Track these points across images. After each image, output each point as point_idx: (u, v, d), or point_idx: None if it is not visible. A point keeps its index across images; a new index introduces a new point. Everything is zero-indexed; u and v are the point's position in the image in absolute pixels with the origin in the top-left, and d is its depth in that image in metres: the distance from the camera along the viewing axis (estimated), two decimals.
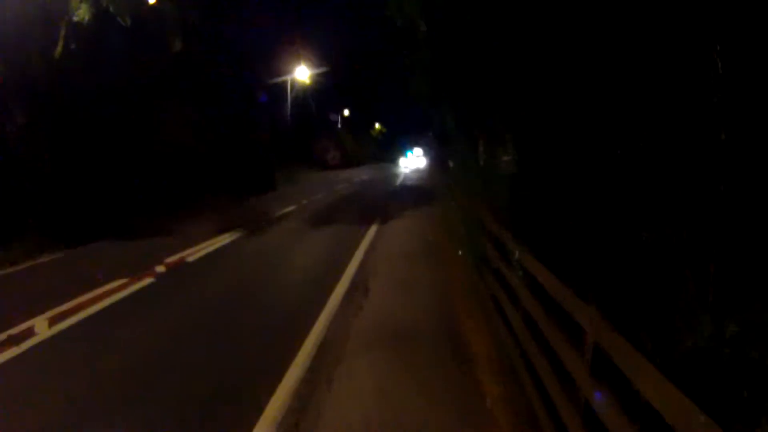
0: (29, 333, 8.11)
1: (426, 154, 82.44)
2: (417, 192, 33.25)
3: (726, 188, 4.96)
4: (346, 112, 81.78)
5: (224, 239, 15.71)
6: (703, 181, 5.19)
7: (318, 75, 52.31)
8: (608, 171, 6.50)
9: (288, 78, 46.82)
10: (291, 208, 24.22)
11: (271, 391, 6.05)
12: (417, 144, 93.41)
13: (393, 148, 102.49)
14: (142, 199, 20.92)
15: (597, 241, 6.06)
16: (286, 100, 46.89)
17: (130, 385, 6.30)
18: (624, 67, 6.28)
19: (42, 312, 8.95)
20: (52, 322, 8.56)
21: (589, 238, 6.20)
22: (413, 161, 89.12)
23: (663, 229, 5.22)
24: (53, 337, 7.99)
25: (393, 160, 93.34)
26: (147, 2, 20.52)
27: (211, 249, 14.33)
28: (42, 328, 8.31)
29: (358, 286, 10.36)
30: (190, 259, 13.13)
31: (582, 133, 7.25)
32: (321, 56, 51.27)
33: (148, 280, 11.08)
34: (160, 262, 12.47)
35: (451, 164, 22.07)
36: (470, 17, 9.84)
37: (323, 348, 7.40)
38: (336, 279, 10.93)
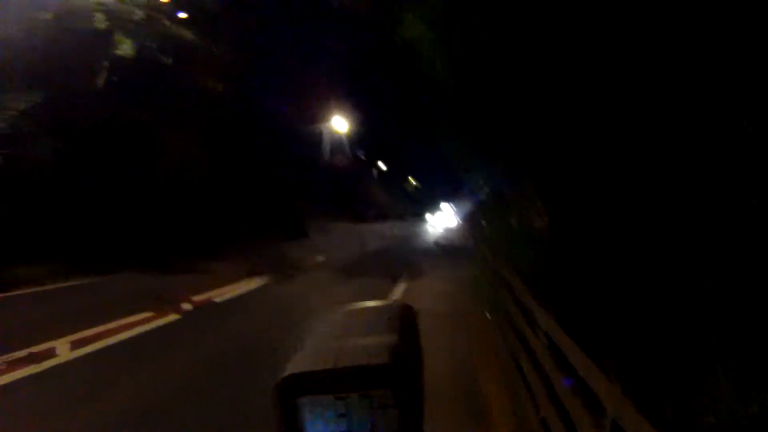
0: (50, 353, 8.24)
1: (457, 212, 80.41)
2: (448, 251, 33.12)
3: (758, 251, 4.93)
4: (382, 166, 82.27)
5: (253, 283, 15.82)
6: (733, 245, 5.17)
7: (354, 128, 52.95)
8: (636, 233, 6.51)
9: (323, 129, 47.47)
10: (321, 258, 24.35)
11: None
12: (448, 201, 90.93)
13: (425, 204, 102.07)
14: (173, 235, 21.18)
15: (623, 303, 6.04)
16: (321, 151, 47.44)
17: (139, 421, 6.30)
18: (657, 134, 6.34)
19: (65, 335, 9.10)
20: (74, 346, 8.70)
21: (616, 301, 6.18)
22: (441, 219, 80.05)
23: (690, 294, 5.19)
24: (73, 361, 8.10)
25: (424, 217, 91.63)
26: (188, 43, 21.19)
27: (238, 292, 14.44)
28: (63, 350, 8.44)
29: None
30: (218, 299, 13.25)
31: (613, 200, 7.28)
32: (358, 109, 52.03)
33: (173, 317, 11.21)
34: (187, 300, 12.60)
35: (483, 223, 22.09)
36: (499, 83, 9.99)
37: None
38: None
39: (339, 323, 1.20)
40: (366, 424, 1.02)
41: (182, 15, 20.65)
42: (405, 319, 1.21)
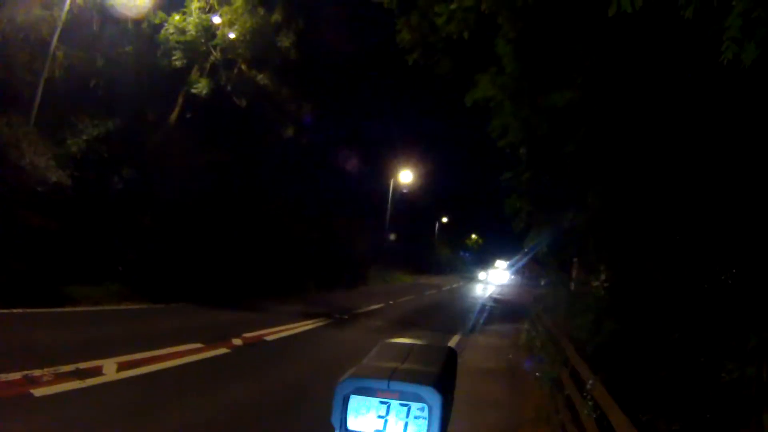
0: (97, 371, 8.27)
1: (513, 269, 75.68)
2: (504, 308, 32.70)
3: None
4: (444, 219, 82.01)
5: (306, 325, 15.83)
6: None
7: (419, 182, 53.26)
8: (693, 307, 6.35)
9: (390, 181, 47.84)
10: (377, 306, 24.30)
11: None
12: (507, 259, 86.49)
13: (484, 259, 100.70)
14: (235, 272, 21.37)
15: (675, 375, 5.87)
16: (386, 205, 47.76)
17: None
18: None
19: (113, 355, 9.12)
20: (121, 367, 8.69)
21: (669, 371, 6.01)
22: (495, 276, 76.48)
23: (744, 366, 5.01)
24: (118, 382, 8.10)
25: (481, 272, 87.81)
26: (263, 87, 21.66)
27: (291, 332, 14.44)
28: (110, 370, 8.45)
29: None
30: (269, 338, 13.25)
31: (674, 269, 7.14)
32: (424, 164, 52.45)
33: (222, 350, 11.20)
34: (238, 336, 12.60)
35: (542, 283, 21.89)
36: (573, 150, 9.98)
37: None
38: None
39: (397, 349, 1.49)
40: (399, 428, 1.26)
41: (233, 35, 21.05)
42: (449, 358, 1.47)
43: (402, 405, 1.27)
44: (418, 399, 1.26)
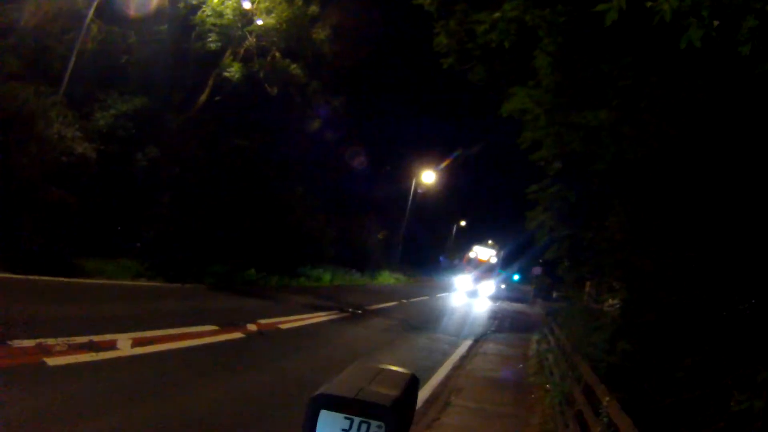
0: (111, 345, 8.26)
1: (510, 272, 65.45)
2: (516, 316, 32.60)
3: None
4: (462, 223, 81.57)
5: (319, 317, 15.90)
6: None
7: (441, 183, 53.15)
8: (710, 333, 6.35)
9: (412, 183, 47.77)
10: (389, 304, 24.33)
11: None
12: (521, 266, 76.85)
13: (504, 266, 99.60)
14: (246, 257, 21.48)
15: (685, 400, 5.88)
16: (406, 205, 47.78)
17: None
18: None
19: (127, 330, 9.13)
20: (135, 343, 8.69)
21: (679, 396, 6.02)
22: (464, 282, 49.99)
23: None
24: (132, 358, 8.08)
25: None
26: (295, 77, 21.63)
27: (304, 323, 14.53)
28: (124, 345, 8.44)
29: (438, 400, 9.84)
30: (284, 326, 13.33)
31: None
32: (448, 167, 52.37)
33: (237, 335, 11.24)
34: (254, 321, 12.65)
35: (554, 295, 21.83)
36: (601, 170, 9.94)
37: None
38: None
39: (364, 370, 1.60)
40: None
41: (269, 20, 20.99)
42: (410, 384, 1.58)
43: (363, 422, 1.40)
44: (377, 417, 1.39)
